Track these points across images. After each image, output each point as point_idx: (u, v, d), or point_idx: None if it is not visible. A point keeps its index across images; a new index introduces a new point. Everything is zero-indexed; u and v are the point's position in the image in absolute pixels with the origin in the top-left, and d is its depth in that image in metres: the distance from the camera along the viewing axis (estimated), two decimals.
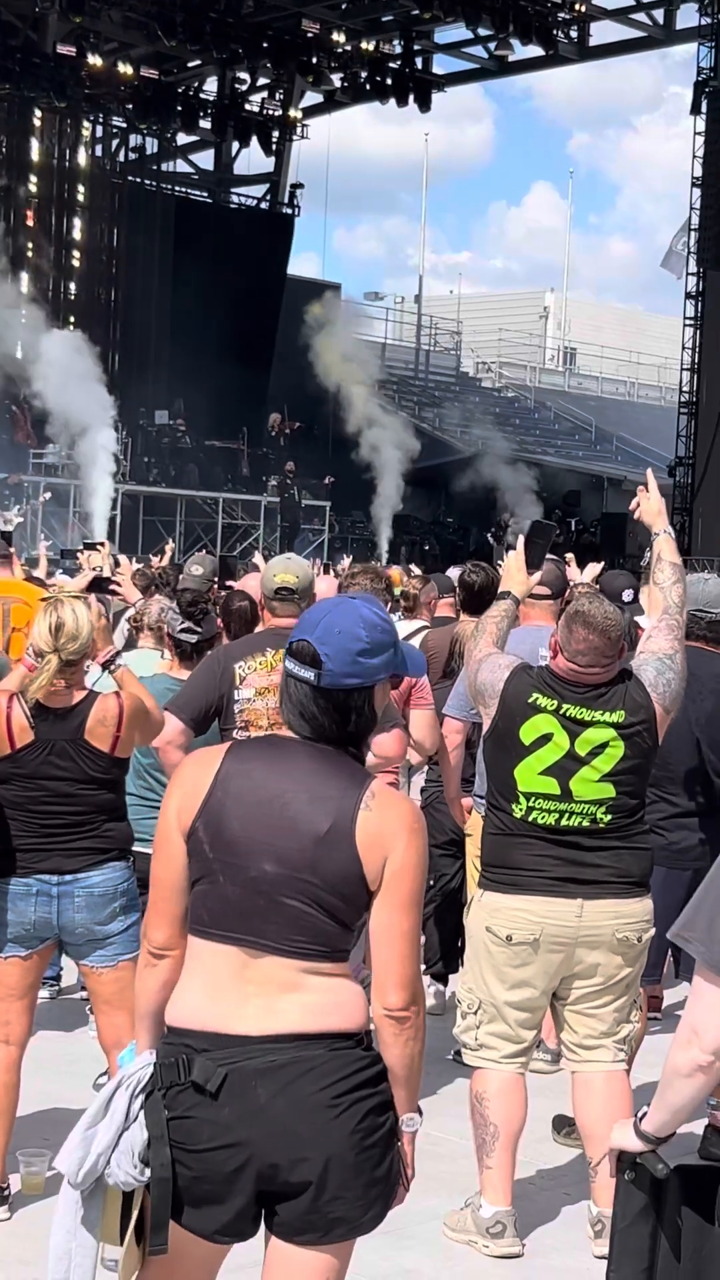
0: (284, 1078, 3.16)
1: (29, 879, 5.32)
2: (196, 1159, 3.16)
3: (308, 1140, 3.14)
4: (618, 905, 5.15)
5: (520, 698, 5.14)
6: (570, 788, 5.09)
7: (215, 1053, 3.18)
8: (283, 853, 3.20)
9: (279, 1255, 3.23)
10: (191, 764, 3.39)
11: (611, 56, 37.58)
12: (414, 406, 41.94)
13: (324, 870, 3.19)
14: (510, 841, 5.18)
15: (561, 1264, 5.09)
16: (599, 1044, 5.26)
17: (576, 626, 5.08)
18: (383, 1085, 3.24)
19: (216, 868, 3.24)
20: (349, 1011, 3.23)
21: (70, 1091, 6.25)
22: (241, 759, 3.31)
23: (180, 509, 30.90)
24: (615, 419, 47.39)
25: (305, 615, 3.36)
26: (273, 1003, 3.20)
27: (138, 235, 35.13)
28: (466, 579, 8.08)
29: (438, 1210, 5.28)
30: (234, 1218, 3.18)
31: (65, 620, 5.26)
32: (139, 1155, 3.19)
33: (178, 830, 3.30)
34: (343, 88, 36.89)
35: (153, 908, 3.38)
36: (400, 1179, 3.27)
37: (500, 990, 5.22)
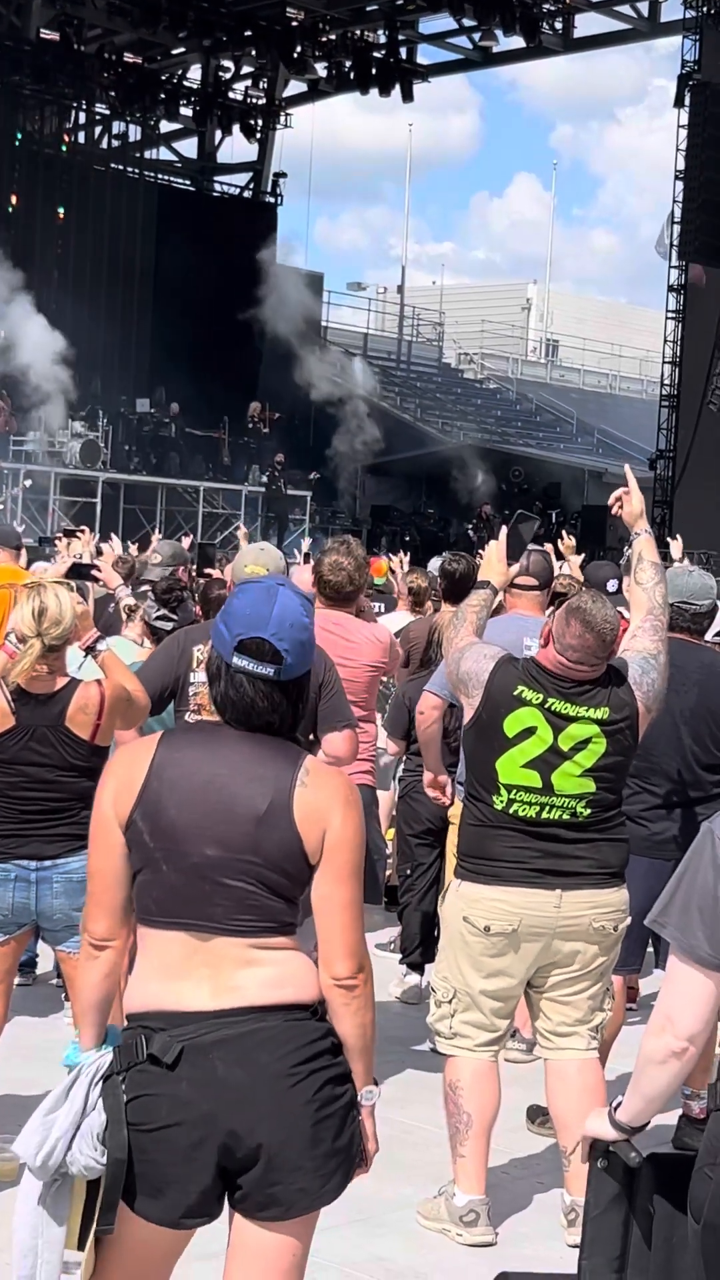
0: (241, 1048, 3.18)
1: (7, 864, 5.33)
2: (154, 1139, 3.17)
3: (265, 1109, 3.16)
4: (596, 895, 5.17)
5: (505, 690, 5.14)
6: (552, 781, 5.10)
7: (173, 1030, 3.21)
8: (223, 836, 3.23)
9: (243, 1236, 3.24)
10: (124, 755, 3.42)
11: (596, 49, 37.54)
12: (396, 397, 41.93)
13: (265, 849, 3.22)
14: (489, 833, 5.19)
15: (534, 1252, 5.10)
16: (573, 1031, 5.28)
17: (574, 621, 5.07)
18: (340, 1058, 3.27)
19: (158, 856, 3.26)
20: (303, 983, 3.27)
21: (46, 1078, 6.20)
22: (175, 747, 3.33)
23: (161, 497, 30.84)
24: (596, 412, 47.43)
25: (241, 608, 3.31)
26: (226, 979, 3.22)
27: (120, 222, 35.03)
28: (447, 567, 8.11)
29: (411, 1198, 5.29)
30: (198, 1199, 3.19)
31: (48, 605, 5.26)
32: (98, 1138, 3.20)
33: (114, 821, 3.32)
34: (327, 77, 36.81)
35: (91, 899, 3.41)
36: (360, 1151, 3.29)
37: (476, 980, 5.23)
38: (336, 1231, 3.34)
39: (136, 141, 37.05)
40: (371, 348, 45.21)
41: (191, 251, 34.64)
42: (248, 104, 37.47)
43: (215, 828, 3.23)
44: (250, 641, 3.27)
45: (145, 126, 36.79)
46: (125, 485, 30.21)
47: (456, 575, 7.90)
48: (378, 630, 6.77)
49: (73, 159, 35.00)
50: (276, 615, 3.28)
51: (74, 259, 34.28)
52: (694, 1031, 3.08)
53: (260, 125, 37.95)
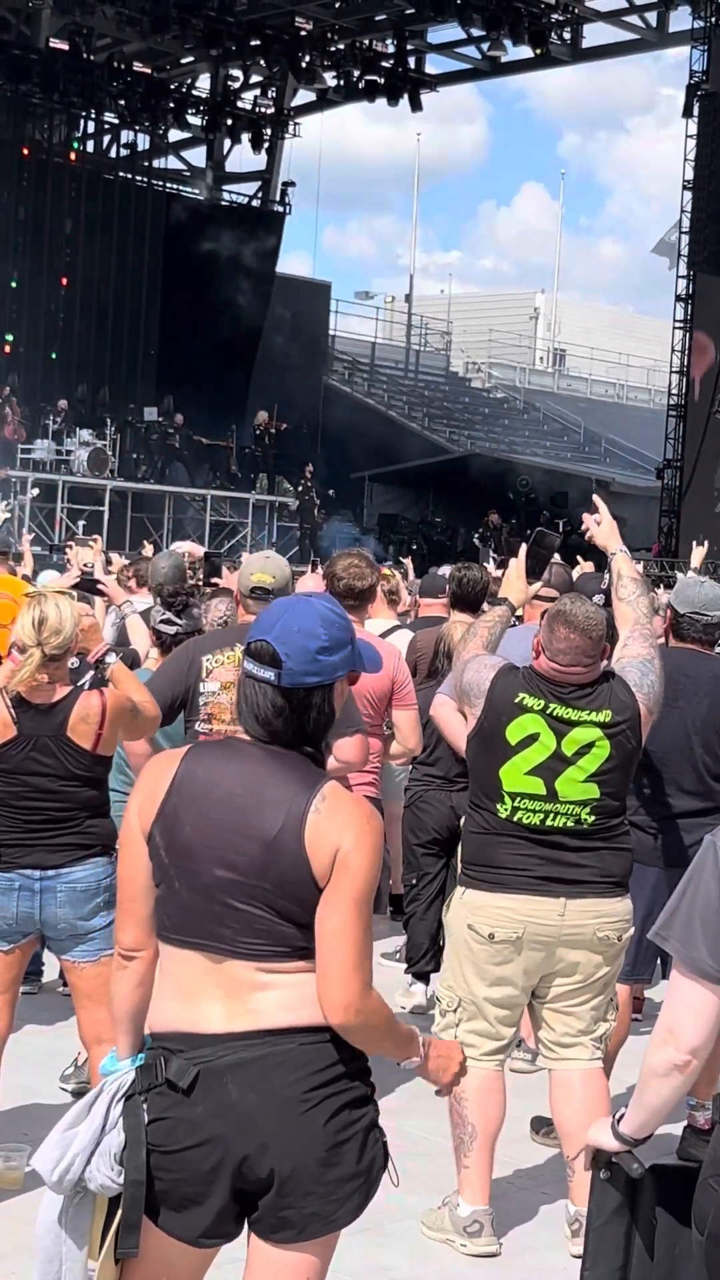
0: (254, 1072, 3.16)
1: (11, 874, 5.33)
2: (175, 1160, 3.16)
3: (276, 1135, 3.13)
4: (599, 904, 5.17)
5: (507, 698, 5.15)
6: (556, 788, 5.10)
7: (190, 1052, 3.19)
8: (233, 859, 3.19)
9: (259, 1255, 3.22)
10: (152, 767, 3.39)
11: (604, 58, 37.66)
12: (403, 406, 41.98)
13: (274, 875, 3.17)
14: (494, 840, 5.20)
15: (538, 1263, 5.10)
16: (576, 1042, 5.28)
17: (558, 625, 5.10)
18: (360, 1079, 3.24)
19: (172, 873, 3.25)
20: (320, 1006, 3.23)
21: (51, 1087, 6.26)
22: (197, 762, 3.30)
23: (169, 506, 30.89)
24: (604, 421, 47.46)
25: (262, 616, 3.34)
26: (242, 1002, 3.19)
27: (128, 231, 35.09)
28: (457, 576, 8.09)
29: (415, 1208, 5.28)
30: (215, 1219, 3.18)
31: (48, 615, 5.27)
32: (116, 1158, 3.19)
33: (139, 832, 3.30)
34: (335, 86, 36.91)
35: (121, 909, 3.40)
36: (381, 1172, 3.27)
37: (481, 988, 5.23)
38: (340, 1241, 3.32)
39: (145, 150, 37.14)
40: (379, 357, 45.30)
41: (199, 260, 34.73)
42: (256, 113, 37.53)
43: (225, 849, 3.19)
44: (254, 645, 3.27)
45: (154, 136, 36.87)
46: (133, 494, 30.25)
47: (466, 583, 7.90)
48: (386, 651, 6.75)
49: (82, 168, 35.08)
50: (284, 621, 3.26)
51: (82, 267, 34.33)
52: (697, 1044, 3.07)
53: (269, 134, 38.01)
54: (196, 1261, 3.32)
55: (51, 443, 28.83)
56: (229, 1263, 3.39)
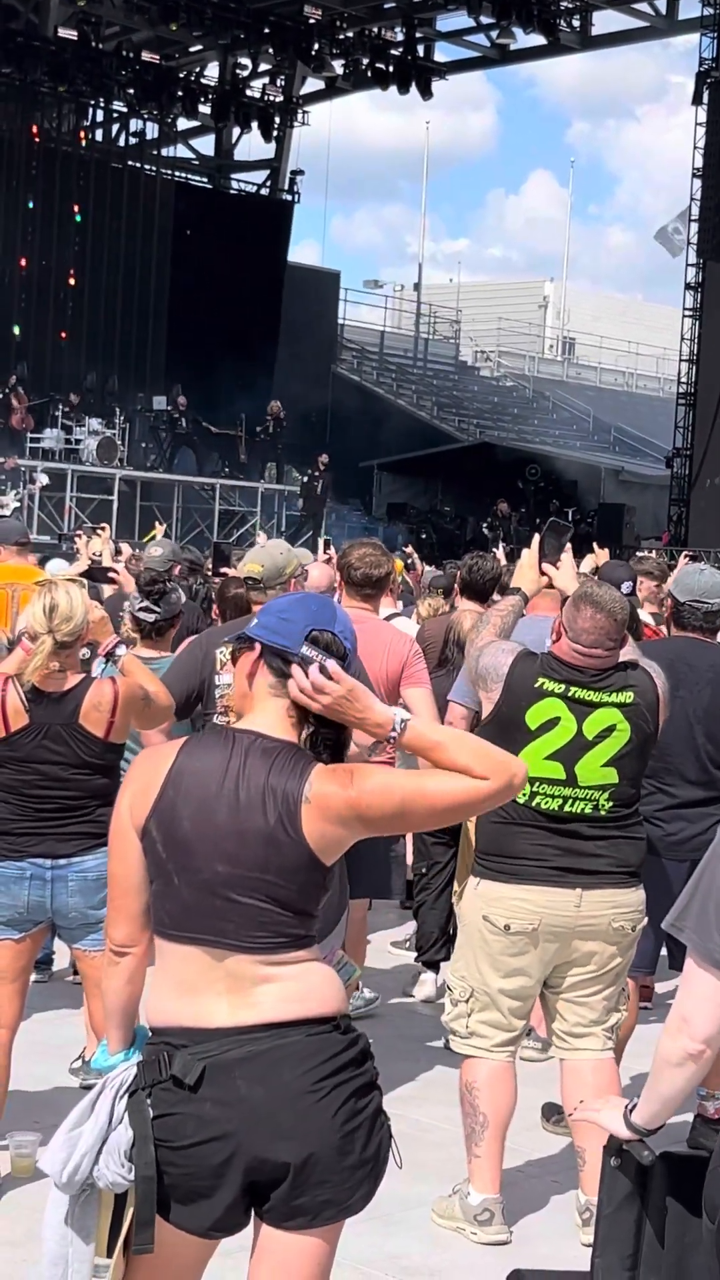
0: (262, 1065, 3.16)
1: (22, 862, 5.34)
2: (183, 1155, 3.16)
3: (289, 1127, 3.14)
4: (615, 895, 5.17)
5: (526, 682, 5.14)
6: (576, 772, 5.10)
7: (194, 1047, 3.18)
8: (233, 852, 3.19)
9: (269, 1241, 3.23)
10: (143, 761, 3.38)
11: (613, 46, 37.51)
12: (412, 395, 41.94)
13: (276, 866, 3.18)
14: (510, 830, 5.19)
15: (549, 1251, 5.10)
16: (589, 1032, 5.28)
17: (584, 606, 5.10)
18: (365, 1066, 3.25)
19: (170, 868, 3.23)
20: (323, 996, 3.24)
21: (61, 1075, 6.28)
22: (193, 755, 3.29)
23: (177, 495, 30.88)
24: (613, 409, 47.39)
25: (310, 607, 3.34)
26: (245, 995, 3.20)
27: (137, 220, 35.05)
28: (469, 563, 8.08)
29: (426, 1197, 5.30)
30: (225, 1212, 3.18)
31: (59, 602, 5.27)
32: (124, 1154, 3.19)
33: (131, 828, 3.29)
34: (344, 74, 36.81)
35: (111, 905, 3.39)
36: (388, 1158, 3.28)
37: (495, 979, 5.23)
38: (351, 1229, 3.33)
39: (154, 139, 37.06)
40: (388, 346, 45.24)
41: (208, 249, 34.73)
42: (265, 101, 37.47)
43: (225, 843, 3.19)
44: (323, 634, 3.26)
45: (162, 124, 36.79)
46: (141, 483, 30.25)
47: (476, 571, 7.89)
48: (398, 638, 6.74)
49: (90, 156, 35.01)
50: (342, 617, 3.32)
51: (91, 256, 34.30)
52: (710, 1034, 3.07)
53: (277, 123, 37.94)
54: (201, 1251, 3.33)
55: (60, 432, 28.83)
56: (240, 1250, 3.39)
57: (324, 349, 40.50)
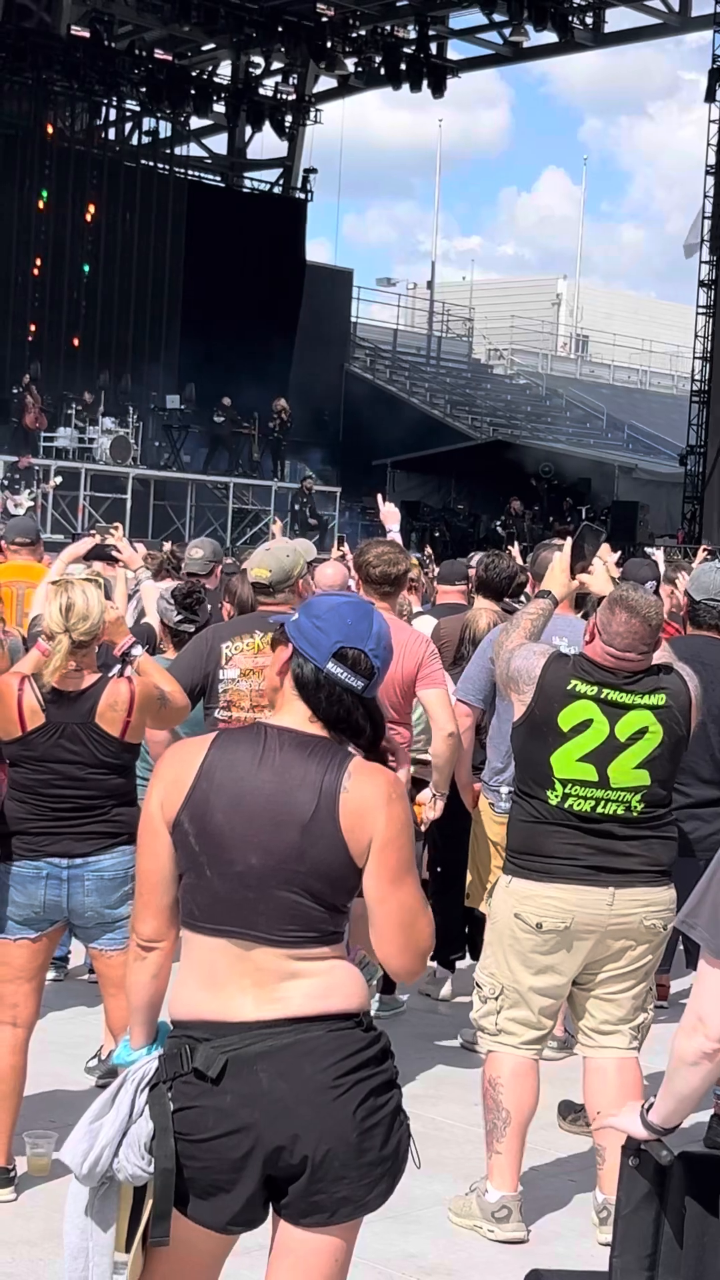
0: (284, 1060, 3.17)
1: (39, 862, 5.34)
2: (203, 1149, 3.17)
3: (310, 1122, 3.15)
4: (647, 894, 5.15)
5: (559, 684, 5.14)
6: (608, 774, 5.09)
7: (216, 1041, 3.19)
8: (269, 845, 3.20)
9: (287, 1239, 3.24)
10: (174, 755, 3.38)
11: (626, 43, 37.53)
12: (425, 393, 41.93)
13: (311, 858, 3.19)
14: (543, 829, 5.18)
15: (566, 1250, 5.10)
16: (615, 1030, 5.26)
17: (619, 610, 5.09)
18: (385, 1064, 3.26)
19: (203, 861, 3.24)
20: (347, 992, 3.24)
21: (77, 1074, 6.28)
22: (225, 749, 3.29)
23: (191, 494, 30.90)
24: (627, 407, 47.36)
25: (346, 621, 3.31)
26: (270, 990, 3.21)
27: (150, 219, 35.07)
28: (486, 561, 8.06)
29: (442, 1195, 5.29)
30: (244, 1206, 3.19)
31: (75, 601, 5.27)
32: (145, 1147, 3.20)
33: (162, 822, 3.29)
34: (357, 72, 36.82)
35: (139, 900, 3.38)
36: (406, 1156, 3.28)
37: (526, 977, 5.21)
38: (368, 1228, 3.34)
39: (167, 138, 37.13)
40: (401, 344, 45.22)
41: (221, 248, 34.74)
42: (278, 100, 37.50)
43: (260, 835, 3.19)
44: (351, 651, 3.26)
45: (175, 123, 36.86)
46: (155, 481, 30.27)
47: (493, 569, 7.87)
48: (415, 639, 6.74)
49: (103, 155, 35.06)
50: (376, 632, 3.30)
51: (104, 255, 34.33)
52: None
53: (290, 121, 37.96)
54: (220, 1246, 3.33)
55: (74, 431, 28.87)
56: (258, 1249, 3.40)
57: (337, 347, 40.51)
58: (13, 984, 5.37)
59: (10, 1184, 5.27)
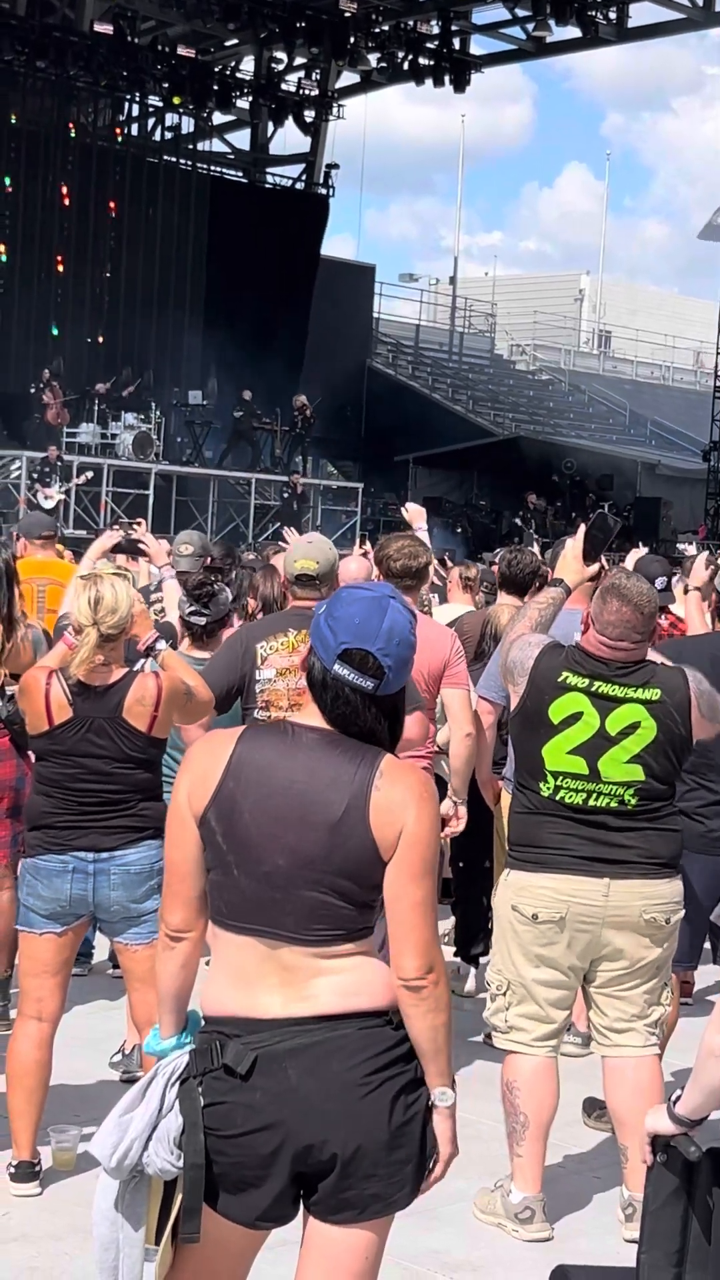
0: (314, 1057, 3.17)
1: (65, 856, 5.34)
2: (233, 1144, 3.17)
3: (339, 1119, 3.15)
4: (645, 886, 5.12)
5: (550, 676, 5.12)
6: (599, 768, 5.07)
7: (246, 1037, 3.19)
8: (296, 845, 3.19)
9: (318, 1235, 3.24)
10: (201, 749, 3.37)
11: (650, 38, 37.38)
12: (448, 389, 41.88)
13: (340, 857, 3.18)
14: (537, 820, 5.17)
15: (590, 1247, 5.09)
16: (629, 1027, 5.24)
17: (611, 598, 5.07)
18: (414, 1062, 3.25)
19: (230, 860, 3.23)
20: (376, 990, 3.24)
21: (102, 1069, 6.29)
22: (253, 745, 3.28)
23: (213, 489, 30.91)
24: (650, 403, 47.26)
25: (355, 620, 3.26)
26: (300, 987, 3.21)
27: (172, 214, 35.07)
28: (508, 558, 8.05)
29: (467, 1192, 5.28)
30: (273, 1202, 3.19)
31: (104, 594, 5.27)
32: (175, 1141, 3.20)
33: (190, 815, 3.28)
34: (379, 68, 36.77)
35: (167, 890, 3.38)
36: (434, 1155, 3.28)
37: (528, 969, 5.20)
38: (393, 1224, 3.34)
39: (189, 134, 37.08)
40: (423, 339, 45.18)
41: (244, 243, 34.69)
42: (300, 95, 37.41)
43: (288, 836, 3.19)
44: (356, 652, 3.22)
45: (198, 119, 36.79)
46: (177, 477, 30.27)
47: (516, 565, 7.86)
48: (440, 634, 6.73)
49: (126, 151, 35.05)
50: (386, 630, 3.24)
51: (126, 251, 34.33)
52: None
53: (313, 117, 37.92)
54: (249, 1242, 3.33)
55: (96, 426, 28.87)
56: (280, 1245, 3.39)
57: (359, 343, 40.48)
58: (38, 978, 5.38)
59: (35, 1178, 5.28)
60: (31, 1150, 5.30)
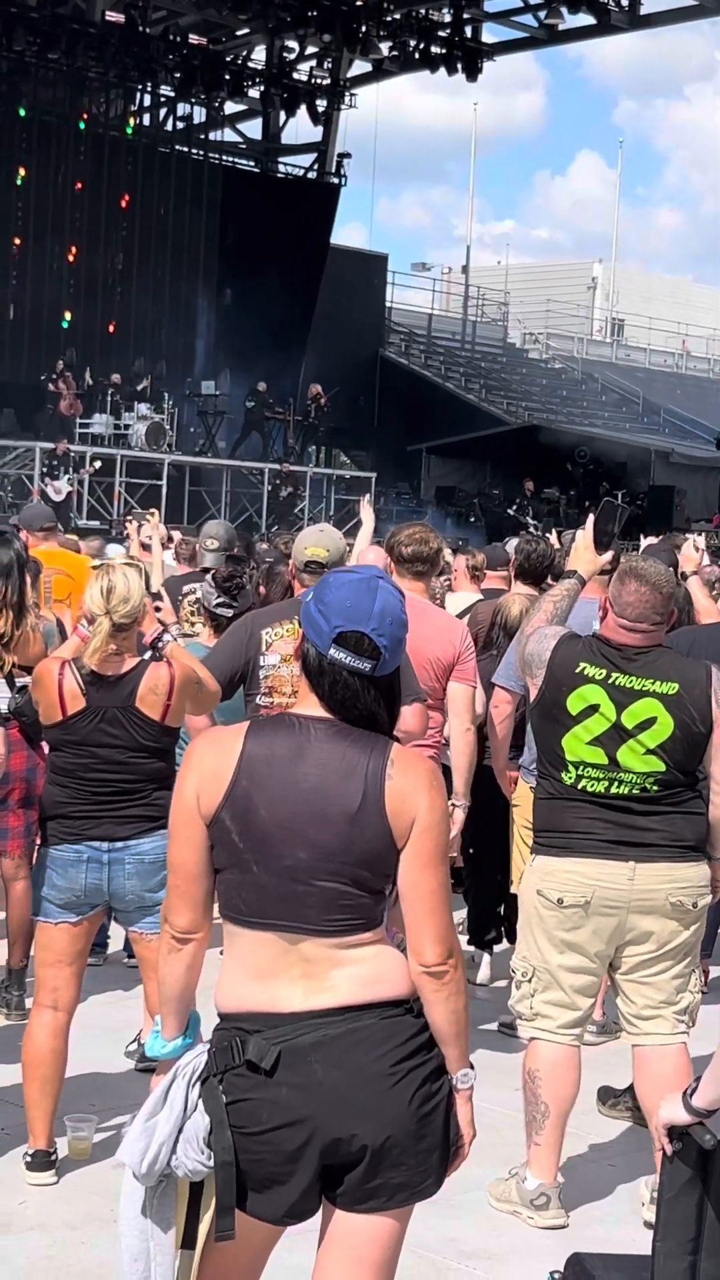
0: (338, 1049, 3.16)
1: (80, 845, 5.35)
2: (259, 1141, 3.16)
3: (368, 1110, 3.14)
4: (671, 869, 5.10)
5: (568, 667, 5.11)
6: (618, 758, 5.06)
7: (268, 1032, 3.18)
8: (315, 838, 3.18)
9: (341, 1225, 3.23)
10: (207, 747, 3.32)
11: (663, 25, 37.25)
12: (460, 378, 41.83)
13: (359, 848, 3.18)
14: (561, 805, 5.16)
15: (607, 1234, 5.09)
16: (657, 1014, 5.20)
17: (629, 579, 5.07)
18: (436, 1050, 3.25)
19: (248, 857, 3.21)
20: (396, 978, 3.24)
21: (117, 1058, 6.30)
22: (262, 741, 3.25)
23: (226, 479, 30.91)
24: (663, 391, 47.15)
25: (345, 603, 3.24)
26: (320, 980, 3.20)
27: (184, 205, 35.06)
28: (525, 549, 8.04)
29: (483, 1180, 5.28)
30: (300, 1197, 3.18)
31: (116, 584, 5.28)
32: (203, 1141, 3.18)
33: (198, 815, 3.25)
34: (391, 57, 36.68)
35: (174, 892, 3.35)
36: (459, 1141, 3.28)
37: (553, 955, 5.19)
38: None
39: (201, 123, 37.02)
40: (436, 329, 45.11)
41: (256, 233, 34.66)
42: (312, 85, 37.36)
43: (307, 829, 3.18)
44: (350, 635, 3.20)
45: (210, 108, 36.74)
46: (190, 468, 30.27)
47: (534, 556, 7.84)
48: (452, 625, 6.73)
49: (137, 141, 35.03)
50: (378, 610, 3.22)
51: (138, 241, 34.33)
52: None
53: (324, 106, 37.85)
54: (269, 1237, 3.34)
55: (109, 417, 28.88)
56: (298, 1233, 3.39)
57: (371, 332, 40.43)
58: (53, 968, 5.39)
59: (51, 1167, 5.28)
60: (48, 1139, 5.31)
